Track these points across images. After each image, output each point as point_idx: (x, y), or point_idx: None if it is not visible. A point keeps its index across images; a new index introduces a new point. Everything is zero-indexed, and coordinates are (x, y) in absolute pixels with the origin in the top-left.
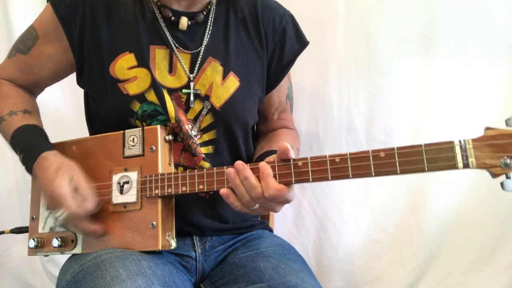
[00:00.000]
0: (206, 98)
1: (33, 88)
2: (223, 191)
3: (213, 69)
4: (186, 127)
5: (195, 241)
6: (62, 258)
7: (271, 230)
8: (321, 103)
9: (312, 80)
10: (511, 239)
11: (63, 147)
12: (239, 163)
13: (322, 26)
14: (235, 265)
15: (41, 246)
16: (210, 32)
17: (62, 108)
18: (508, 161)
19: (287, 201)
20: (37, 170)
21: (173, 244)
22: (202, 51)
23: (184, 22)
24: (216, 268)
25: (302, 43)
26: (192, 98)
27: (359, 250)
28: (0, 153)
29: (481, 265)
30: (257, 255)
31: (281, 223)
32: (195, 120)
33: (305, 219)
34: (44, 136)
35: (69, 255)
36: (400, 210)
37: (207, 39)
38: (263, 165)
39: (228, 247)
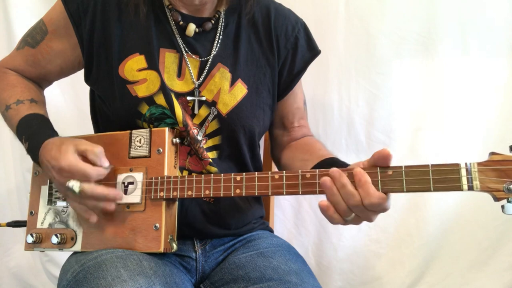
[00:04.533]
0: (213, 104)
1: (40, 81)
2: (324, 203)
3: (222, 75)
4: (193, 131)
5: (195, 242)
6: (62, 258)
7: (271, 231)
8: (321, 103)
9: (312, 80)
10: (511, 239)
11: None
12: (334, 170)
13: (322, 26)
14: (235, 265)
15: (39, 241)
16: (220, 39)
17: (63, 109)
18: (511, 186)
19: (385, 210)
20: (43, 155)
21: (175, 246)
22: (211, 57)
23: (191, 29)
24: (216, 269)
25: (313, 52)
26: (196, 105)
27: (359, 250)
28: (0, 153)
29: (481, 265)
30: (257, 256)
31: (281, 223)
32: (201, 125)
33: (305, 219)
34: (50, 126)
35: (69, 254)
36: (400, 210)
37: (217, 46)
38: (359, 171)
39: (228, 248)
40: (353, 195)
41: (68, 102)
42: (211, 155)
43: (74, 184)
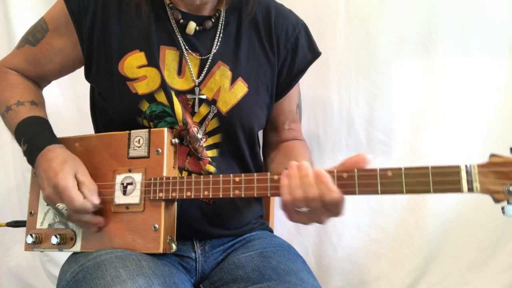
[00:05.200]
0: (213, 102)
1: (39, 80)
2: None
3: (222, 73)
4: (193, 129)
5: (195, 243)
6: (62, 258)
7: (271, 231)
8: (321, 103)
9: (312, 80)
10: (511, 239)
11: (66, 143)
12: (305, 162)
13: (322, 26)
14: (234, 265)
15: (38, 242)
16: (220, 37)
17: (63, 108)
18: (511, 188)
19: (339, 214)
20: (41, 162)
21: (174, 247)
22: (211, 56)
23: (191, 27)
24: (216, 269)
25: (314, 53)
26: (197, 103)
27: (359, 250)
28: (0, 153)
29: (481, 265)
30: (257, 256)
31: (281, 223)
32: (200, 123)
33: None
34: (50, 129)
35: (69, 254)
36: (400, 210)
37: (217, 44)
38: (321, 170)
39: (227, 248)
40: (312, 186)
41: (68, 101)
42: (211, 153)
43: (64, 208)
